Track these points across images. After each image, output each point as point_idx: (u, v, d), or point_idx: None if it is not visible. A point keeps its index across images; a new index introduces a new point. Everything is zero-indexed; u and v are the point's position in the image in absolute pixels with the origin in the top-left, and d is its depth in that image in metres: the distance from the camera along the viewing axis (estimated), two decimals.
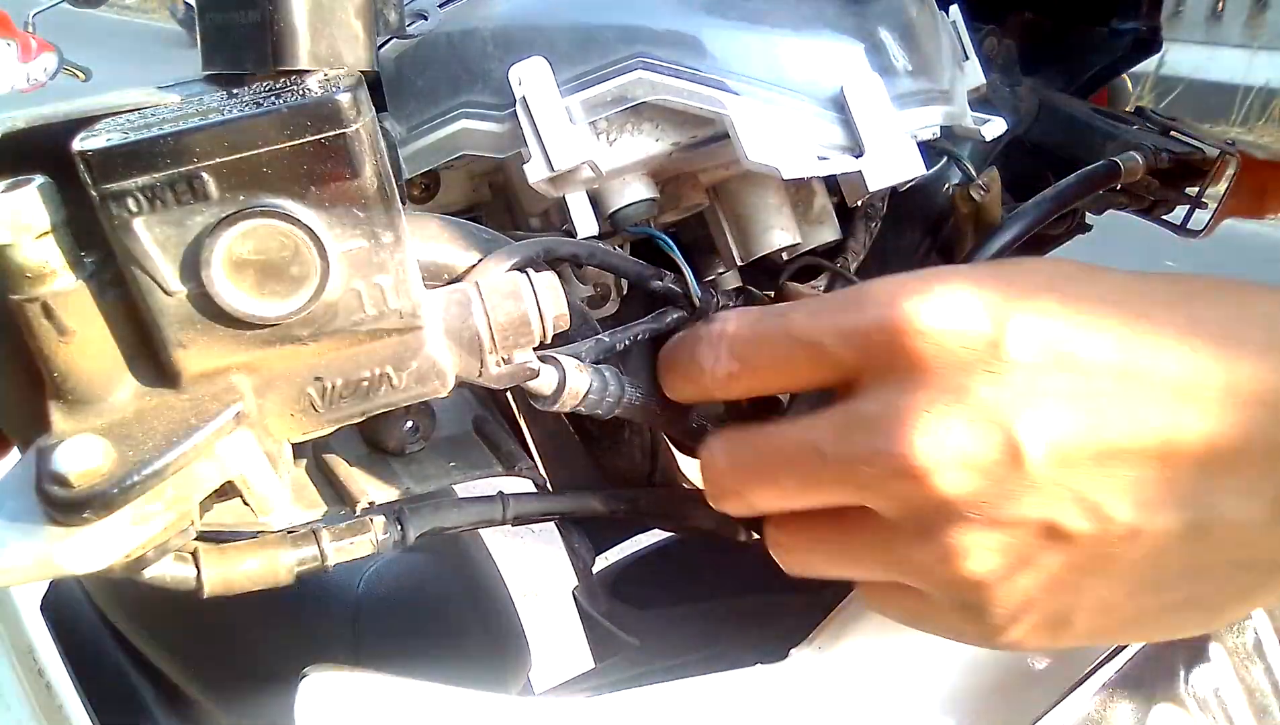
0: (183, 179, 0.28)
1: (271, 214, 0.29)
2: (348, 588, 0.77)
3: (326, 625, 0.77)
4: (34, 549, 0.29)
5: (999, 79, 0.74)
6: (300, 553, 0.40)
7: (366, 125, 0.30)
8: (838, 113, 0.47)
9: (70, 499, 0.28)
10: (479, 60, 0.48)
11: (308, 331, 0.31)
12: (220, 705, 0.84)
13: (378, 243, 0.31)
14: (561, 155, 0.46)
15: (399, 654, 0.77)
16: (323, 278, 0.30)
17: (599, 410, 0.42)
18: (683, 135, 0.49)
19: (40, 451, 0.29)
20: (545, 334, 0.36)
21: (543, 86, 0.46)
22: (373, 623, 0.77)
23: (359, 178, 0.30)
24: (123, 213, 0.28)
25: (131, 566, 0.33)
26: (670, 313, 0.54)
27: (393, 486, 0.44)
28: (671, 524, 0.53)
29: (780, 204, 0.56)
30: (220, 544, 0.39)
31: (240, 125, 0.28)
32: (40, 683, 0.93)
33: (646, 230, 0.53)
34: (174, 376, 0.31)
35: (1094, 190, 0.63)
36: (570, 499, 0.48)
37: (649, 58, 0.46)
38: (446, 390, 0.35)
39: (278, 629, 0.79)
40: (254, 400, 0.32)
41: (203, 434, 0.30)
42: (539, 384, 0.39)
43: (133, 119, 0.29)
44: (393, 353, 0.33)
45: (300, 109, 0.29)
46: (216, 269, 0.29)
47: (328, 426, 0.34)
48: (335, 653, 0.77)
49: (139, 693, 0.89)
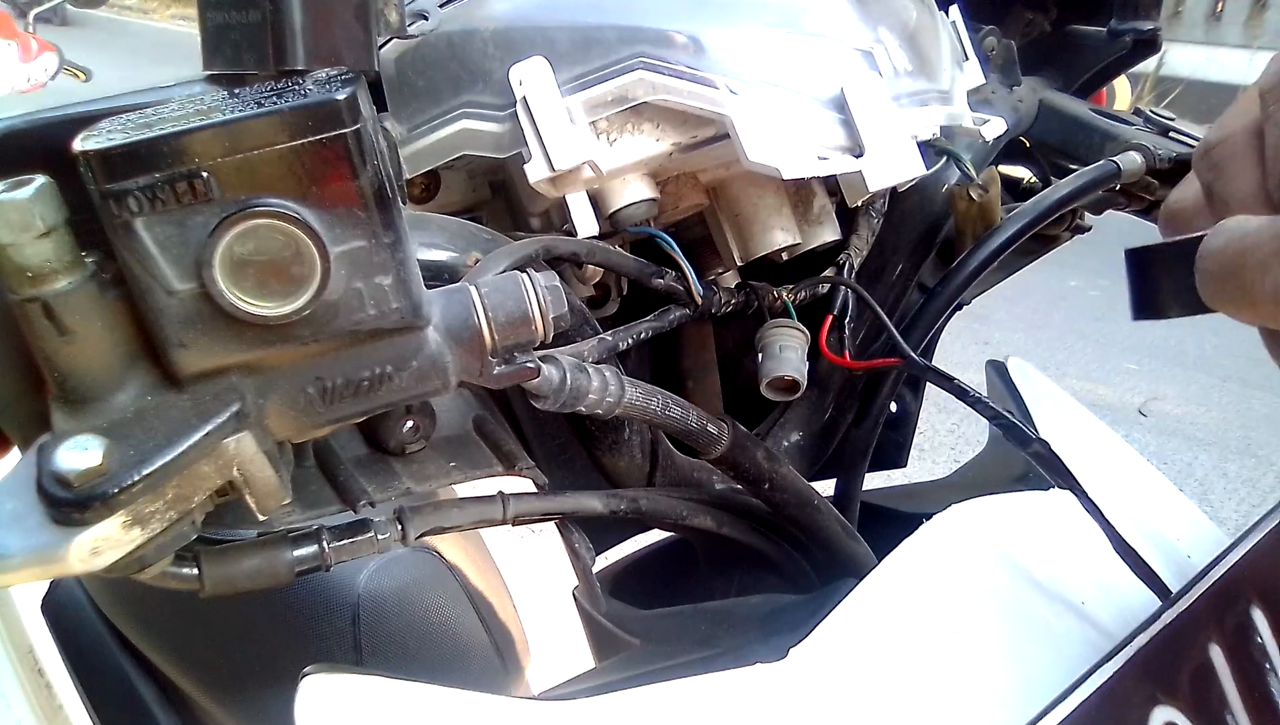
0: (183, 179, 0.28)
1: (272, 214, 0.29)
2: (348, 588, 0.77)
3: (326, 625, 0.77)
4: (34, 549, 0.29)
5: (999, 79, 0.74)
6: (300, 552, 0.40)
7: (367, 125, 0.30)
8: (838, 113, 0.47)
9: (71, 499, 0.28)
10: (479, 60, 0.48)
11: (308, 331, 0.31)
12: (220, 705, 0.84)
13: (378, 242, 0.31)
14: (562, 155, 0.46)
15: (399, 654, 0.77)
16: (323, 278, 0.30)
17: (599, 410, 0.42)
18: (683, 135, 0.49)
19: (41, 451, 0.29)
20: (546, 333, 0.36)
21: (543, 87, 0.46)
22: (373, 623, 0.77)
23: (359, 178, 0.30)
24: (124, 212, 0.28)
25: (131, 566, 0.33)
26: (672, 311, 0.54)
27: (393, 486, 0.44)
28: (671, 524, 0.53)
29: (780, 204, 0.56)
30: (220, 544, 0.39)
31: (241, 125, 0.28)
32: (40, 683, 0.93)
33: (647, 230, 0.53)
34: (174, 376, 0.31)
35: (1094, 190, 0.63)
36: (570, 499, 0.48)
37: (649, 58, 0.46)
38: (447, 390, 0.35)
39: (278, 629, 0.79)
40: (254, 400, 0.32)
41: (203, 434, 0.30)
42: (539, 384, 0.39)
43: (133, 119, 0.29)
44: (393, 352, 0.33)
45: (301, 109, 0.29)
46: (217, 269, 0.29)
47: (328, 426, 0.34)
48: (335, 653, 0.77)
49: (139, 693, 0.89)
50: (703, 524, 0.53)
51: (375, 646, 0.77)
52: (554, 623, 0.92)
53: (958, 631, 0.48)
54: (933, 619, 0.48)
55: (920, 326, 0.60)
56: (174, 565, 0.37)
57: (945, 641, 0.47)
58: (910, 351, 0.56)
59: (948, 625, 0.48)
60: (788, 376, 0.56)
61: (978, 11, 0.71)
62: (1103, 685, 0.43)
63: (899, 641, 0.47)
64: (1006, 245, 0.60)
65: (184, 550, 0.37)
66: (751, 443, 0.51)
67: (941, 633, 0.47)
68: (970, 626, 0.48)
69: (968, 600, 0.49)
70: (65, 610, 0.93)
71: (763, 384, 0.57)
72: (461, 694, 0.42)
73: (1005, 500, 0.55)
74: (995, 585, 0.50)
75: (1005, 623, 0.49)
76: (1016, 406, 0.68)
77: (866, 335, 0.64)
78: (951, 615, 0.48)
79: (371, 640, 0.77)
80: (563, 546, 0.51)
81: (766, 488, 0.52)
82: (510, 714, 0.42)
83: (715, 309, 0.56)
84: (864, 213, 0.63)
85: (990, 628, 0.49)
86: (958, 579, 0.50)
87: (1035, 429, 0.59)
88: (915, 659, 0.46)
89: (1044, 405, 0.67)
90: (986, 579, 0.51)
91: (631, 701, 0.44)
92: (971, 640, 0.48)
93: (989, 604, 0.49)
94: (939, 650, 0.47)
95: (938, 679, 0.46)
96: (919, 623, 0.48)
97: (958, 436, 2.73)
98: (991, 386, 0.71)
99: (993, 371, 0.71)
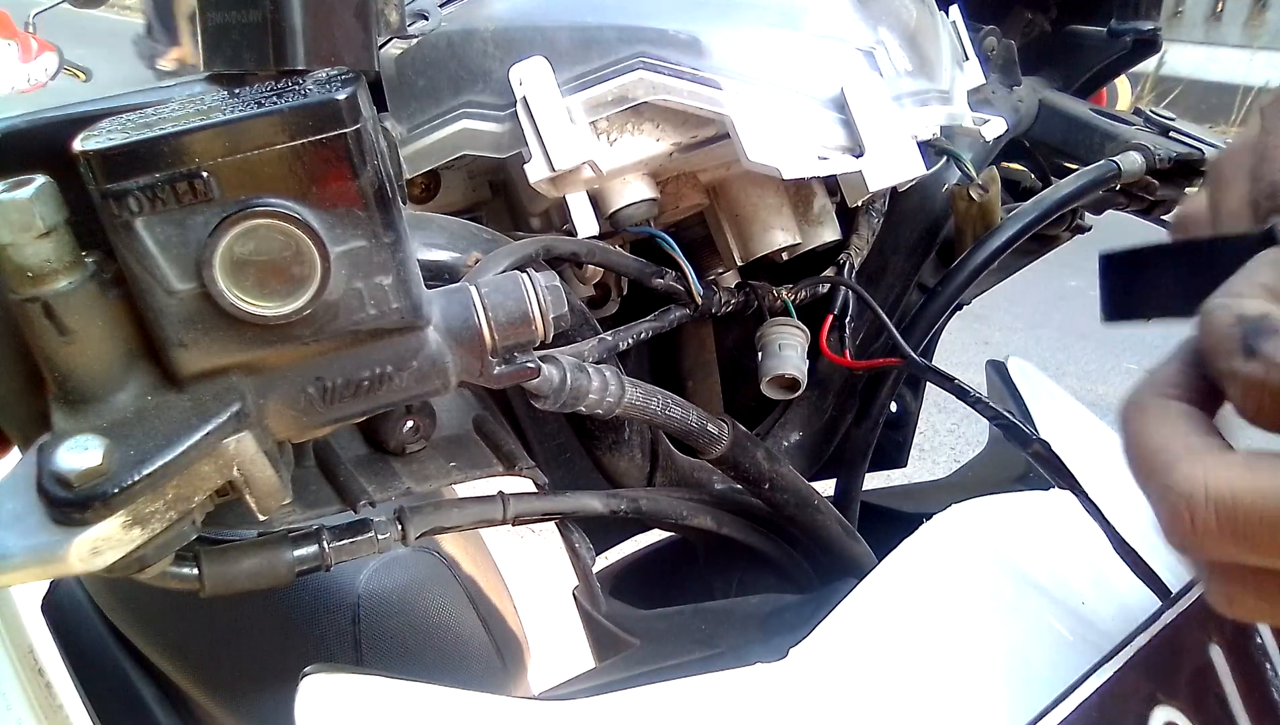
0: (184, 179, 0.28)
1: (272, 214, 0.29)
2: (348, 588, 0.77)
3: (326, 625, 0.77)
4: (34, 549, 0.29)
5: (999, 79, 0.74)
6: (301, 552, 0.40)
7: (367, 125, 0.30)
8: (838, 113, 0.47)
9: (71, 499, 0.28)
10: (479, 60, 0.48)
11: (308, 331, 0.31)
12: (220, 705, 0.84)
13: (378, 242, 0.31)
14: (562, 155, 0.46)
15: (399, 654, 0.77)
16: (323, 278, 0.30)
17: (599, 410, 0.42)
18: (683, 135, 0.49)
19: (41, 451, 0.29)
20: (546, 333, 0.36)
21: (543, 86, 0.46)
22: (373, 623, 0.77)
23: (359, 178, 0.30)
24: (124, 212, 0.28)
25: (131, 566, 0.33)
26: (672, 311, 0.54)
27: (393, 486, 0.44)
28: (671, 524, 0.53)
29: (780, 204, 0.56)
30: (220, 544, 0.39)
31: (241, 125, 0.28)
32: (40, 683, 0.93)
33: (647, 230, 0.53)
34: (175, 376, 0.31)
35: (1094, 190, 0.63)
36: (570, 499, 0.48)
37: (649, 58, 0.46)
38: (447, 390, 0.35)
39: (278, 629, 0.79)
40: (254, 400, 0.32)
41: (203, 434, 0.30)
42: (540, 384, 0.39)
43: (133, 119, 0.29)
44: (393, 352, 0.33)
45: (301, 109, 0.29)
46: (217, 269, 0.29)
47: (328, 426, 0.34)
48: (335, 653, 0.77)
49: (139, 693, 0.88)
50: (703, 524, 0.53)
51: (375, 646, 0.77)
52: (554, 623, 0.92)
53: (958, 631, 0.48)
54: (933, 619, 0.48)
55: (920, 326, 0.60)
56: (174, 565, 0.37)
57: (945, 641, 0.47)
58: (910, 351, 0.56)
59: (948, 625, 0.48)
60: (788, 374, 0.56)
61: (978, 11, 0.71)
62: (1103, 685, 0.43)
63: (899, 642, 0.47)
64: (1006, 245, 0.60)
65: (184, 550, 0.37)
66: (751, 443, 0.51)
67: (941, 633, 0.47)
68: (970, 626, 0.48)
69: (968, 600, 0.49)
70: (65, 610, 0.93)
71: (763, 382, 0.57)
72: (461, 694, 0.42)
73: (1005, 500, 0.55)
74: (995, 585, 0.50)
75: (1005, 623, 0.49)
76: (1016, 406, 0.68)
77: (866, 335, 0.64)
78: (951, 615, 0.48)
79: (371, 640, 0.77)
80: (563, 546, 0.51)
81: (766, 488, 0.52)
82: (510, 714, 0.42)
83: (715, 309, 0.56)
84: (864, 213, 0.63)
85: (990, 628, 0.49)
86: (958, 579, 0.50)
87: (1035, 429, 0.59)
88: (915, 659, 0.46)
89: (1044, 405, 0.67)
90: (986, 579, 0.51)
91: (631, 701, 0.44)
92: (971, 640, 0.48)
93: (989, 604, 0.49)
94: (939, 650, 0.47)
95: (938, 679, 0.46)
96: (919, 623, 0.48)
97: (958, 436, 2.73)
98: (991, 386, 0.71)
99: (993, 371, 0.71)
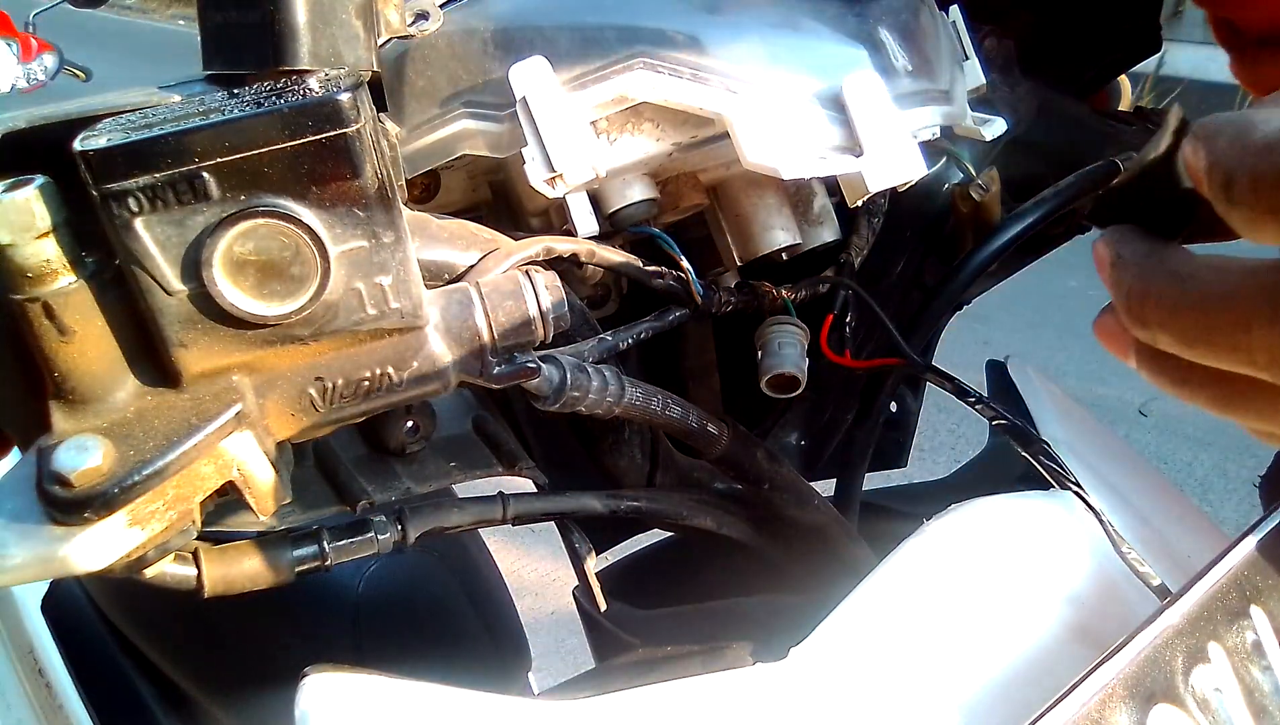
0: (183, 179, 0.28)
1: (272, 214, 0.29)
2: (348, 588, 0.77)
3: (326, 625, 0.77)
4: (34, 549, 0.29)
5: (999, 79, 0.74)
6: (301, 552, 0.40)
7: (367, 125, 0.30)
8: (838, 113, 0.47)
9: (71, 499, 0.28)
10: (479, 60, 0.48)
11: (308, 331, 0.31)
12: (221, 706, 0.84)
13: (378, 243, 0.31)
14: (562, 155, 0.46)
15: (399, 654, 0.77)
16: (323, 278, 0.30)
17: (599, 410, 0.42)
18: (683, 135, 0.49)
19: (41, 451, 0.29)
20: (546, 333, 0.36)
21: (543, 86, 0.46)
22: (373, 623, 0.77)
23: (359, 178, 0.30)
24: (123, 212, 0.28)
25: (131, 566, 0.33)
26: (672, 311, 0.54)
27: (393, 486, 0.44)
28: (671, 524, 0.53)
29: (780, 204, 0.56)
30: (221, 544, 0.39)
31: (241, 125, 0.28)
32: (40, 683, 0.93)
33: (647, 230, 0.53)
34: (174, 376, 0.31)
35: (1094, 190, 0.63)
36: (570, 499, 0.48)
37: (649, 58, 0.46)
38: (447, 390, 0.35)
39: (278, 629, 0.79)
40: (254, 400, 0.32)
41: (203, 434, 0.30)
42: (540, 384, 0.39)
43: (133, 119, 0.29)
44: (393, 352, 0.33)
45: (301, 109, 0.29)
46: (217, 269, 0.29)
47: (328, 426, 0.34)
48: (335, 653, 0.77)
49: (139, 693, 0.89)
50: (703, 524, 0.53)
51: (375, 646, 0.77)
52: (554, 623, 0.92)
53: (958, 632, 0.48)
54: (933, 619, 0.48)
55: (920, 326, 0.60)
56: (174, 565, 0.37)
57: (945, 642, 0.47)
58: (910, 351, 0.56)
59: (948, 625, 0.48)
60: (787, 372, 0.56)
61: (978, 11, 0.71)
62: (1103, 685, 0.43)
63: (899, 642, 0.47)
64: (1006, 245, 0.60)
65: (184, 550, 0.37)
66: (751, 443, 0.51)
67: (942, 633, 0.48)
68: (970, 627, 0.48)
69: (968, 601, 0.49)
70: (65, 610, 0.93)
71: (762, 381, 0.57)
72: (462, 694, 0.42)
73: (1005, 500, 0.55)
74: (995, 586, 0.50)
75: (1005, 623, 0.49)
76: (1016, 406, 0.68)
77: (867, 335, 0.64)
78: (952, 616, 0.48)
79: (371, 640, 0.77)
80: (563, 546, 0.51)
81: (766, 488, 0.52)
82: (510, 714, 0.42)
83: (715, 309, 0.56)
84: (864, 213, 0.63)
85: (990, 628, 0.49)
86: (958, 579, 0.50)
87: (1035, 429, 0.59)
88: (915, 659, 0.46)
89: (1044, 405, 0.67)
90: (986, 579, 0.51)
91: (631, 701, 0.44)
92: (971, 640, 0.48)
93: (989, 604, 0.49)
94: (939, 650, 0.47)
95: (938, 679, 0.46)
96: (919, 623, 0.48)
97: (958, 436, 2.73)
98: (991, 386, 0.71)
99: (993, 371, 0.71)
